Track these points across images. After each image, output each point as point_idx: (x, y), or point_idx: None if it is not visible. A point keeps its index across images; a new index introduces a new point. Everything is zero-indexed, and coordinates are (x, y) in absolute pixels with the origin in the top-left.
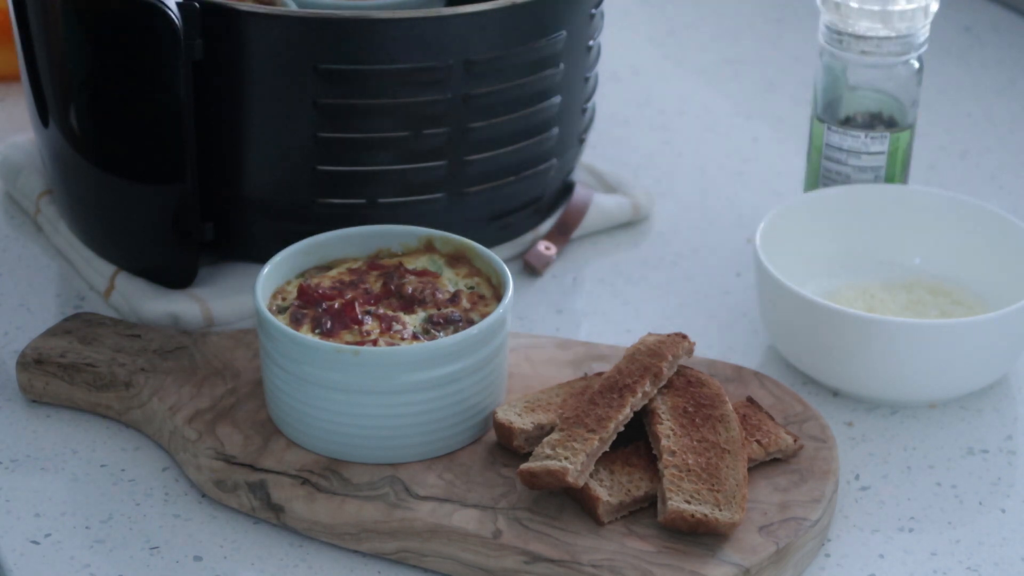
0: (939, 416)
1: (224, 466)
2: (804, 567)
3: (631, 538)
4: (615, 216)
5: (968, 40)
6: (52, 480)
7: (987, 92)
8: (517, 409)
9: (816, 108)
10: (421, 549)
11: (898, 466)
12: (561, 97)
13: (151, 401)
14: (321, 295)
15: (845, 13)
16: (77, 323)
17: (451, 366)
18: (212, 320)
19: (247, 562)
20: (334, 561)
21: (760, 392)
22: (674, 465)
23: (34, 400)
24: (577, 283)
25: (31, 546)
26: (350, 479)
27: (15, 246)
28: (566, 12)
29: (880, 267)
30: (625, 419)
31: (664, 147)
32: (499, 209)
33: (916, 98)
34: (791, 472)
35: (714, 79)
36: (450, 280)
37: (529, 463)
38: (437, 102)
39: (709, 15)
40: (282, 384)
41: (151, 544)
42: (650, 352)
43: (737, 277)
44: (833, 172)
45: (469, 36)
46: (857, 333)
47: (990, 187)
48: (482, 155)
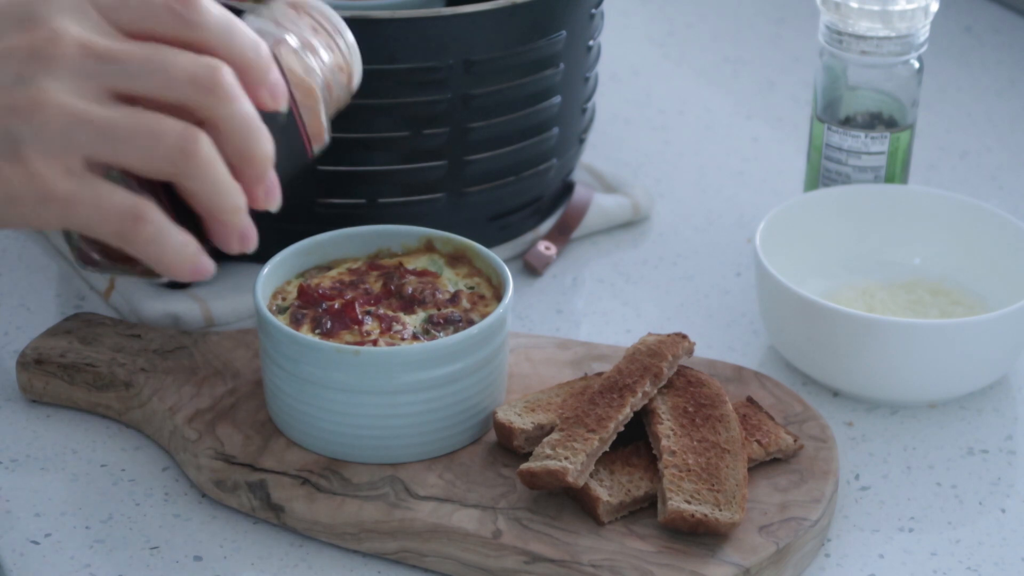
0: (939, 416)
1: (224, 466)
2: (804, 567)
3: (631, 538)
4: (615, 216)
5: (968, 40)
6: (52, 480)
7: (987, 92)
8: (517, 409)
9: (816, 108)
10: (421, 549)
11: (898, 466)
12: (561, 97)
13: (151, 401)
14: (321, 295)
15: (845, 13)
16: (77, 323)
17: (451, 366)
18: (212, 320)
19: (247, 562)
20: (334, 561)
21: (760, 392)
22: (674, 465)
23: (34, 400)
24: (577, 283)
25: (31, 546)
26: (350, 479)
27: (15, 246)
28: (566, 12)
29: (880, 267)
30: (625, 419)
31: (664, 147)
32: (499, 209)
33: (916, 98)
34: (791, 472)
35: (714, 79)
36: (450, 280)
37: (529, 463)
38: (437, 102)
39: (709, 15)
40: (282, 384)
41: (151, 544)
42: (650, 352)
43: (737, 277)
44: (833, 172)
45: (469, 36)
46: (857, 333)
47: (990, 187)
48: (482, 155)
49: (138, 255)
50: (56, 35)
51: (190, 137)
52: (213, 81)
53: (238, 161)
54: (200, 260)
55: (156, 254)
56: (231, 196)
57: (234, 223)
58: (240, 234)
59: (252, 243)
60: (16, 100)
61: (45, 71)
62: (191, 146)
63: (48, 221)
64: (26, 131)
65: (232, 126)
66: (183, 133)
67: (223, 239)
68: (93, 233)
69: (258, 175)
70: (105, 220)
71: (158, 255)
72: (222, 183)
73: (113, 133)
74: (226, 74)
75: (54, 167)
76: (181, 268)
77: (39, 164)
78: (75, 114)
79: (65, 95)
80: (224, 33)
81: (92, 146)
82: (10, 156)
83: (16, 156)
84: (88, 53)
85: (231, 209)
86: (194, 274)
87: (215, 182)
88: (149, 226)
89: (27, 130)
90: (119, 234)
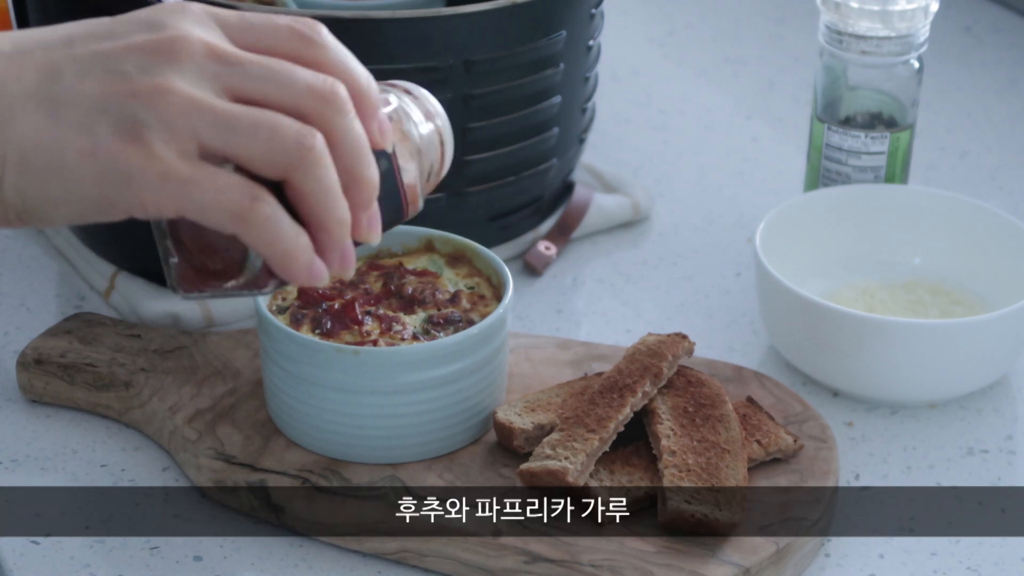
0: (939, 416)
1: (224, 466)
2: (804, 567)
3: (631, 538)
4: (615, 216)
5: (968, 40)
6: (52, 480)
7: (987, 92)
8: (517, 409)
9: (816, 108)
10: (421, 549)
11: (898, 466)
12: (561, 97)
13: (151, 401)
14: (321, 295)
15: (845, 13)
16: (77, 323)
17: (451, 366)
18: (212, 320)
19: (247, 562)
20: (334, 561)
21: (760, 392)
22: (674, 465)
23: (34, 400)
24: (577, 283)
25: (31, 546)
26: (350, 479)
27: (15, 246)
28: (566, 12)
29: (880, 267)
30: (625, 419)
31: (664, 147)
32: (499, 209)
33: (916, 98)
34: (791, 472)
35: (714, 79)
36: (450, 280)
37: (529, 463)
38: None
39: (709, 15)
40: (282, 384)
41: (151, 544)
42: (650, 352)
43: (737, 277)
44: (833, 172)
45: (469, 36)
46: (857, 333)
47: (990, 187)
48: (482, 155)
49: (253, 240)
50: (183, 37)
51: (308, 134)
52: (333, 92)
53: (347, 179)
54: (314, 257)
55: (270, 238)
56: (341, 204)
57: (339, 235)
58: (342, 253)
59: (351, 269)
60: (139, 87)
61: (169, 64)
62: (309, 140)
63: (163, 203)
64: (147, 114)
65: (346, 139)
66: (301, 130)
67: (326, 253)
68: (208, 217)
69: (364, 200)
70: (223, 200)
71: (272, 240)
72: (334, 187)
73: (234, 123)
74: (344, 90)
75: (172, 150)
76: (295, 260)
77: (159, 146)
78: (196, 102)
79: (188, 85)
80: (342, 59)
81: (211, 134)
82: (130, 137)
83: (137, 137)
84: (213, 54)
85: (339, 219)
86: (308, 270)
87: (328, 183)
88: (267, 207)
89: (148, 113)
90: (236, 215)
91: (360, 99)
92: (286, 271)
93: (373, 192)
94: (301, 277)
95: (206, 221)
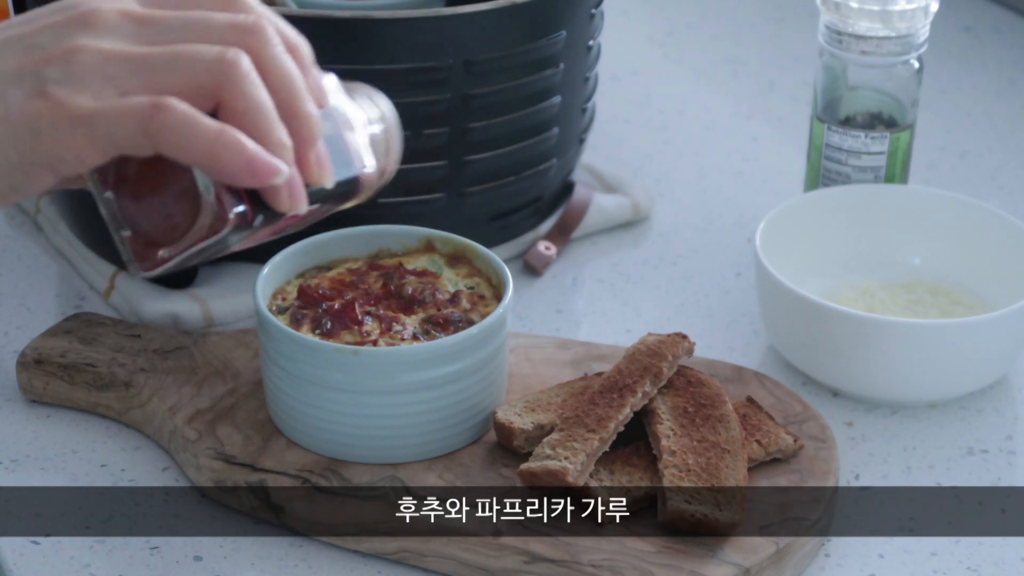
0: (939, 416)
1: (224, 466)
2: (804, 567)
3: (631, 538)
4: (615, 216)
5: (968, 40)
6: (52, 480)
7: (987, 92)
8: (517, 409)
9: (816, 108)
10: (421, 549)
11: (898, 466)
12: (561, 97)
13: (151, 401)
14: (321, 295)
15: (845, 13)
16: (77, 323)
17: (451, 366)
18: (212, 320)
19: (247, 562)
20: (334, 561)
21: (760, 392)
22: (674, 465)
23: (34, 400)
24: (577, 283)
25: (31, 546)
26: (350, 479)
27: (15, 246)
28: (566, 12)
29: (880, 267)
30: (625, 419)
31: (664, 147)
32: (499, 209)
33: (916, 98)
34: (791, 472)
35: (714, 79)
36: (450, 280)
37: (529, 463)
38: (437, 102)
39: (709, 15)
40: (282, 384)
41: (151, 544)
42: (650, 352)
43: (737, 277)
44: (833, 172)
45: (469, 36)
46: (857, 333)
47: (990, 187)
48: (482, 155)
49: (172, 148)
50: (96, 9)
51: (230, 51)
52: (256, 24)
53: (285, 114)
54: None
55: (190, 137)
56: (279, 127)
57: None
58: (289, 184)
59: (301, 202)
60: (52, 53)
61: (83, 31)
62: (232, 55)
63: (80, 149)
64: (57, 73)
65: (276, 68)
66: (223, 49)
67: (272, 192)
68: (120, 142)
69: (307, 135)
70: (126, 119)
71: (192, 138)
72: (267, 105)
73: (151, 61)
74: (269, 25)
75: (85, 96)
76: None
77: (65, 94)
78: (109, 53)
79: (100, 43)
80: (271, 17)
81: (128, 77)
82: (38, 94)
83: (43, 93)
84: (126, 16)
85: (279, 141)
86: (250, 164)
87: (260, 100)
88: (173, 109)
89: (58, 72)
90: (144, 128)
91: (295, 51)
92: (224, 170)
93: (315, 127)
94: (244, 174)
95: (121, 148)
